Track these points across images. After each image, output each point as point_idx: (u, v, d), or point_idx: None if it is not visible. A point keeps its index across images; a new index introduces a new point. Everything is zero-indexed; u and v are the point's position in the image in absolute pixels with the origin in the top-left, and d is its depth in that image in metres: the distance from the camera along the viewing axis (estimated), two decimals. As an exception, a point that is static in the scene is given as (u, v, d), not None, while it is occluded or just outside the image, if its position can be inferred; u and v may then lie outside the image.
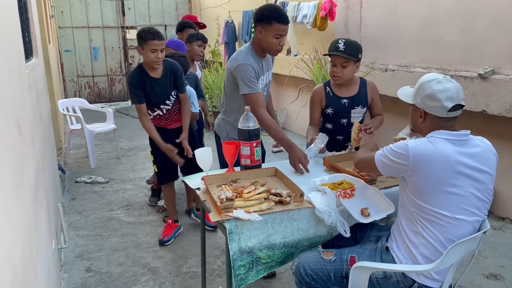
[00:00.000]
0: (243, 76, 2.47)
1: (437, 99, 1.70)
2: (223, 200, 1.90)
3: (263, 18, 2.45)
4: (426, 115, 1.77)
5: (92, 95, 9.81)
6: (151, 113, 3.19)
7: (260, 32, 2.48)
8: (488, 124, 3.54)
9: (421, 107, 1.77)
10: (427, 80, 1.76)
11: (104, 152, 5.93)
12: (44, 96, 3.51)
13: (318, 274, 1.85)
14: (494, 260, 2.97)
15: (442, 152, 1.65)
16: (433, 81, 1.74)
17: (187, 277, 2.86)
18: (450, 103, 1.69)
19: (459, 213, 1.65)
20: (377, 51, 4.62)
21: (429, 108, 1.74)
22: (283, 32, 2.46)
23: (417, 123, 1.83)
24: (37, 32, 3.66)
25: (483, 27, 3.49)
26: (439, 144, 1.67)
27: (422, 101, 1.76)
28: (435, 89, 1.71)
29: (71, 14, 9.31)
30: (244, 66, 2.48)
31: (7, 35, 1.70)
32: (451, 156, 1.64)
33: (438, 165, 1.64)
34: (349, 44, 2.53)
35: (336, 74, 2.58)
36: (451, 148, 1.66)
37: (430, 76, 1.78)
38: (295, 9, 5.78)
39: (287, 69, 5.94)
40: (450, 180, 1.64)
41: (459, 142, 1.69)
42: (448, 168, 1.63)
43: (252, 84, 2.48)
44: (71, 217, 3.81)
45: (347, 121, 2.69)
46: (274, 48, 2.49)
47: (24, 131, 1.80)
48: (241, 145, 2.30)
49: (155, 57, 2.93)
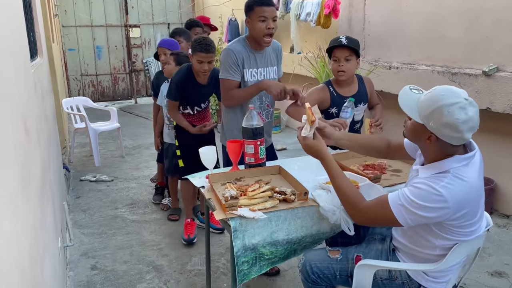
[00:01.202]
0: (223, 60, 2.55)
1: (459, 131, 1.45)
2: (227, 198, 1.91)
3: (247, 8, 2.52)
4: (437, 139, 1.52)
5: (96, 94, 9.84)
6: (182, 109, 3.22)
7: (248, 23, 2.52)
8: (493, 121, 3.53)
9: (434, 132, 1.51)
10: (449, 104, 1.45)
11: (108, 150, 5.95)
12: (48, 95, 3.53)
13: (324, 272, 1.85)
14: (498, 257, 2.96)
15: (474, 185, 1.51)
16: (455, 105, 1.45)
17: (191, 275, 2.87)
18: (470, 134, 1.47)
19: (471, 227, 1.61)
20: (381, 49, 4.61)
21: (445, 136, 1.49)
22: (267, 13, 2.45)
23: (420, 142, 1.61)
24: (42, 31, 3.67)
25: (487, 24, 3.47)
26: (468, 176, 1.50)
27: (438, 128, 1.48)
28: (458, 119, 1.44)
29: (74, 13, 9.34)
30: (226, 51, 2.54)
31: (13, 35, 1.71)
32: (478, 184, 1.54)
33: (474, 199, 1.53)
34: (350, 39, 2.57)
35: (341, 69, 2.58)
36: (475, 176, 1.53)
37: (450, 96, 1.48)
38: (299, 7, 5.77)
39: (291, 67, 5.93)
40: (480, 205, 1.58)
41: (473, 163, 1.55)
42: (479, 196, 1.56)
43: (229, 69, 2.52)
44: (76, 216, 3.84)
45: (351, 120, 2.69)
46: (262, 33, 2.48)
47: (30, 130, 1.82)
48: (245, 143, 2.30)
49: (201, 68, 2.95)
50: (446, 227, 1.57)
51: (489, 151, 1.85)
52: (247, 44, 2.58)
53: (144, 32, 10.00)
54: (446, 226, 1.56)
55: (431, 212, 1.49)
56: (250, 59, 2.57)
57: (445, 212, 1.49)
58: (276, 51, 2.74)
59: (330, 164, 1.76)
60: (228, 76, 2.54)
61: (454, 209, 1.49)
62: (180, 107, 3.20)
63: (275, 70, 2.73)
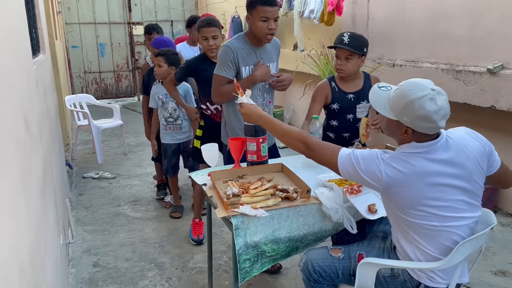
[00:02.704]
0: (219, 56, 2.56)
1: (432, 121, 1.52)
2: (229, 196, 1.90)
3: (248, 4, 2.50)
4: (413, 132, 1.59)
5: (99, 91, 9.84)
6: (205, 108, 3.08)
7: (249, 19, 2.51)
8: (497, 119, 3.51)
9: (409, 126, 1.57)
10: (417, 98, 1.52)
11: (111, 148, 5.95)
12: (51, 92, 3.53)
13: (326, 271, 1.84)
14: (502, 256, 2.94)
15: (418, 172, 1.56)
16: (424, 98, 1.52)
17: (193, 272, 2.87)
18: (444, 121, 1.55)
19: (448, 221, 1.60)
20: (385, 46, 4.58)
21: (421, 128, 1.56)
22: (268, 14, 2.43)
23: (397, 136, 1.66)
24: (44, 28, 3.67)
25: (492, 21, 3.44)
26: (414, 162, 1.56)
27: (412, 121, 1.55)
28: (430, 110, 1.51)
29: (78, 10, 9.34)
30: (224, 47, 2.55)
31: (15, 31, 1.71)
32: (424, 172, 1.56)
33: (414, 186, 1.56)
34: (354, 37, 2.52)
35: (340, 67, 2.57)
36: (425, 164, 1.57)
37: (417, 89, 1.54)
38: (302, 4, 5.74)
39: (294, 65, 5.91)
40: (428, 194, 1.57)
41: (432, 151, 1.58)
42: (423, 184, 1.56)
43: (224, 66, 2.53)
44: (78, 213, 3.84)
45: (352, 116, 2.67)
46: (263, 32, 2.47)
47: (32, 127, 1.81)
48: (248, 141, 2.29)
49: (207, 44, 2.94)
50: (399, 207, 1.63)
51: (493, 150, 1.82)
52: (246, 41, 2.56)
53: (147, 29, 9.99)
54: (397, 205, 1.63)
55: (365, 175, 1.60)
56: (250, 55, 2.56)
57: (377, 182, 1.59)
58: (275, 48, 2.73)
59: (269, 118, 1.92)
60: (221, 72, 2.54)
61: (386, 183, 1.57)
62: (205, 105, 3.06)
63: (275, 66, 2.72)
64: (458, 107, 3.71)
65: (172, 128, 3.55)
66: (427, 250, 1.64)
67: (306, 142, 1.75)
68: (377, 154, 1.61)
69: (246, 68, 2.57)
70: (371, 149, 1.66)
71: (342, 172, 1.66)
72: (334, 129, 2.71)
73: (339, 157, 1.66)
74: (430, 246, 1.64)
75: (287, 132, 1.83)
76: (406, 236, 1.69)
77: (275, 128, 1.88)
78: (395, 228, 1.75)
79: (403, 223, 1.66)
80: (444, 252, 1.63)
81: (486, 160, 1.67)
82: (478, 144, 1.66)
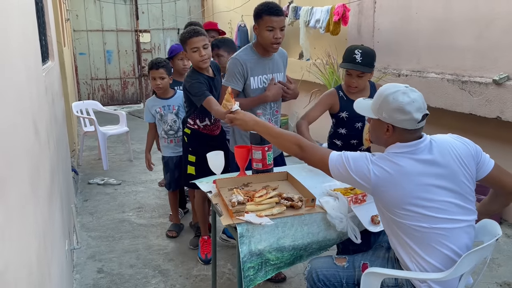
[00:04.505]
0: (228, 68, 2.58)
1: (406, 112, 1.61)
2: (234, 203, 1.91)
3: (255, 15, 2.53)
4: (394, 129, 1.67)
5: (106, 98, 9.91)
6: (199, 122, 2.94)
7: (256, 29, 2.54)
8: (503, 130, 3.50)
9: (388, 122, 1.67)
10: (391, 93, 1.65)
11: (117, 154, 5.98)
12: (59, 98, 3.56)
13: (330, 280, 1.84)
14: (507, 268, 2.92)
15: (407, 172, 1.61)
16: (397, 93, 1.64)
17: (197, 280, 2.87)
18: (420, 114, 1.62)
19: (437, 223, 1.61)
20: (390, 56, 4.60)
21: (398, 122, 1.64)
22: (275, 24, 2.46)
23: (382, 137, 1.73)
24: (53, 35, 3.72)
25: (498, 32, 3.45)
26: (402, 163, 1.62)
27: (389, 115, 1.65)
28: (402, 101, 1.61)
29: (86, 18, 9.44)
30: (233, 60, 2.58)
31: (26, 39, 1.74)
32: (410, 172, 1.61)
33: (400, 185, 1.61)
34: (365, 54, 2.51)
35: (353, 85, 2.59)
36: (410, 163, 1.62)
37: (391, 87, 1.68)
38: (308, 14, 5.78)
39: (299, 74, 5.93)
40: (415, 194, 1.60)
41: (417, 151, 1.64)
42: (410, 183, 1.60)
43: (233, 78, 2.55)
44: (83, 218, 3.86)
45: (361, 124, 2.68)
46: (269, 42, 2.50)
47: (41, 133, 1.84)
48: (253, 149, 2.30)
49: (198, 55, 2.71)
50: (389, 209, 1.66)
51: (498, 160, 1.83)
52: (254, 52, 2.60)
53: (154, 37, 10.08)
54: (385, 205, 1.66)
55: (355, 175, 1.65)
56: (258, 66, 2.58)
57: (366, 182, 1.64)
58: (282, 58, 2.77)
59: (264, 123, 1.99)
60: (229, 83, 2.56)
61: (374, 183, 1.62)
62: (197, 121, 2.93)
63: (282, 77, 2.75)
64: (463, 118, 3.71)
65: (173, 141, 3.41)
66: (425, 256, 1.64)
67: (299, 144, 1.82)
68: (366, 155, 1.69)
69: (255, 78, 2.60)
70: (361, 152, 1.73)
71: (333, 172, 1.72)
72: (342, 136, 2.74)
73: (330, 158, 1.72)
74: (424, 253, 1.64)
75: (281, 134, 1.91)
76: (400, 241, 1.70)
77: (270, 132, 1.95)
78: (390, 236, 1.76)
79: (394, 225, 1.68)
80: (442, 260, 1.63)
81: (474, 162, 1.70)
82: (463, 146, 1.70)
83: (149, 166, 3.67)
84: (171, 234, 3.50)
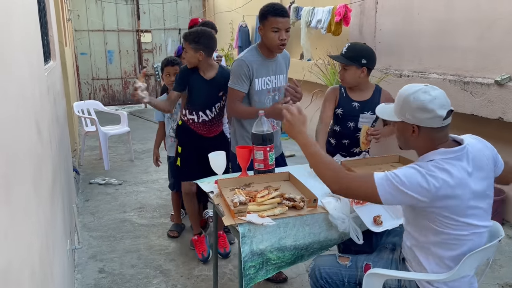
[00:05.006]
0: (234, 69, 2.57)
1: (430, 110, 1.58)
2: (236, 204, 1.90)
3: (261, 16, 2.53)
4: (419, 129, 1.63)
5: (107, 98, 9.92)
6: (188, 114, 2.96)
7: (261, 30, 2.54)
8: (505, 131, 3.49)
9: (412, 122, 1.63)
10: (411, 93, 1.62)
11: (118, 154, 5.98)
12: (60, 98, 3.56)
13: (332, 278, 1.85)
14: (509, 269, 2.92)
15: (459, 181, 1.54)
16: (417, 92, 1.61)
17: (198, 280, 2.87)
18: (444, 111, 1.59)
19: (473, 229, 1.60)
20: (392, 57, 4.59)
21: (423, 121, 1.60)
22: (280, 25, 2.46)
23: (410, 140, 1.68)
24: (55, 35, 3.72)
25: (500, 33, 3.45)
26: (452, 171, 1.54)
27: (413, 116, 1.61)
28: (424, 100, 1.59)
29: (87, 18, 9.45)
30: (238, 61, 2.57)
31: (29, 39, 1.74)
32: (464, 179, 1.55)
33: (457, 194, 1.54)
34: (351, 48, 2.57)
35: (340, 76, 2.65)
36: (462, 173, 1.56)
37: (411, 87, 1.65)
38: (310, 14, 5.78)
39: (301, 74, 5.93)
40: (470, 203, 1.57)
41: (461, 157, 1.58)
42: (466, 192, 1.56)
43: (237, 79, 2.54)
44: (84, 218, 3.86)
45: (354, 124, 2.68)
46: (274, 43, 2.50)
47: (43, 133, 1.84)
48: (255, 149, 2.30)
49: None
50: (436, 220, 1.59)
51: (501, 162, 1.83)
52: (259, 53, 2.60)
53: (155, 37, 10.09)
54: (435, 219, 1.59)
55: (412, 191, 1.54)
56: (263, 67, 2.59)
57: (425, 195, 1.53)
58: (285, 60, 2.77)
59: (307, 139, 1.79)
60: (235, 86, 2.56)
61: (434, 195, 1.53)
62: (186, 112, 2.97)
63: (285, 78, 2.75)
64: (465, 118, 3.71)
65: None
66: (446, 262, 1.63)
67: (339, 173, 1.67)
68: (414, 167, 1.58)
69: (260, 80, 2.60)
70: (401, 167, 1.63)
71: (384, 198, 1.59)
72: (336, 134, 2.75)
73: (378, 184, 1.58)
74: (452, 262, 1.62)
75: (319, 155, 1.73)
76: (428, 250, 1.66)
77: (309, 147, 1.76)
78: (412, 241, 1.72)
79: (431, 234, 1.63)
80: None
81: (493, 165, 1.69)
82: (486, 149, 1.70)
83: (156, 162, 3.71)
84: (172, 234, 3.50)
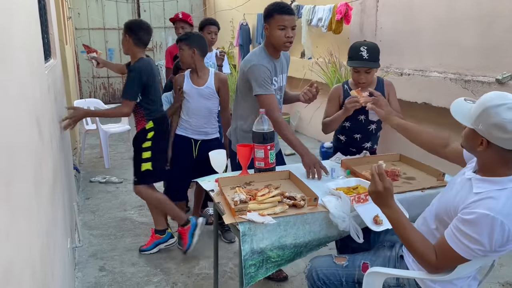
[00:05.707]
0: (257, 76, 2.47)
1: (507, 131, 1.41)
2: (237, 202, 1.91)
3: (266, 14, 2.51)
4: (489, 144, 1.48)
5: (107, 96, 9.91)
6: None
7: (267, 29, 2.52)
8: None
9: (484, 136, 1.48)
10: (495, 105, 1.44)
11: (118, 152, 5.98)
12: (61, 97, 3.56)
13: (330, 278, 1.85)
14: (510, 268, 2.92)
15: None
16: (502, 106, 1.43)
17: (199, 279, 2.87)
18: None
19: None
20: (393, 55, 4.59)
21: (495, 139, 1.45)
22: (286, 22, 2.44)
23: (475, 150, 1.55)
24: (55, 33, 3.72)
25: (501, 31, 3.44)
26: None
27: (487, 129, 1.46)
28: (505, 118, 1.41)
29: (87, 16, 9.44)
30: (258, 67, 2.48)
31: (29, 37, 1.73)
32: None
33: None
34: (371, 50, 2.54)
35: (361, 81, 2.60)
36: None
37: (498, 98, 1.47)
38: (310, 12, 5.78)
39: (301, 72, 5.93)
40: None
41: None
42: None
43: (267, 85, 2.48)
44: (85, 217, 3.86)
45: (364, 117, 2.69)
46: (281, 41, 2.48)
47: (43, 131, 1.83)
48: (256, 147, 2.30)
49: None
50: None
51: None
52: (267, 54, 2.57)
53: (155, 36, 10.06)
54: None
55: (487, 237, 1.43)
56: (272, 69, 2.57)
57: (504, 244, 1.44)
58: (286, 59, 2.76)
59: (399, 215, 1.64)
60: (266, 91, 2.47)
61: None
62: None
63: (285, 77, 2.75)
64: (466, 117, 3.70)
65: None
66: None
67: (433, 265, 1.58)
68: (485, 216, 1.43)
69: (272, 80, 2.59)
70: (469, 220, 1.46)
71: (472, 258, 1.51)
72: (346, 131, 2.76)
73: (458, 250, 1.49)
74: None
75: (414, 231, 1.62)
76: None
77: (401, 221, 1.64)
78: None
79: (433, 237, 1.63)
80: None
81: None
82: None
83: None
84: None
